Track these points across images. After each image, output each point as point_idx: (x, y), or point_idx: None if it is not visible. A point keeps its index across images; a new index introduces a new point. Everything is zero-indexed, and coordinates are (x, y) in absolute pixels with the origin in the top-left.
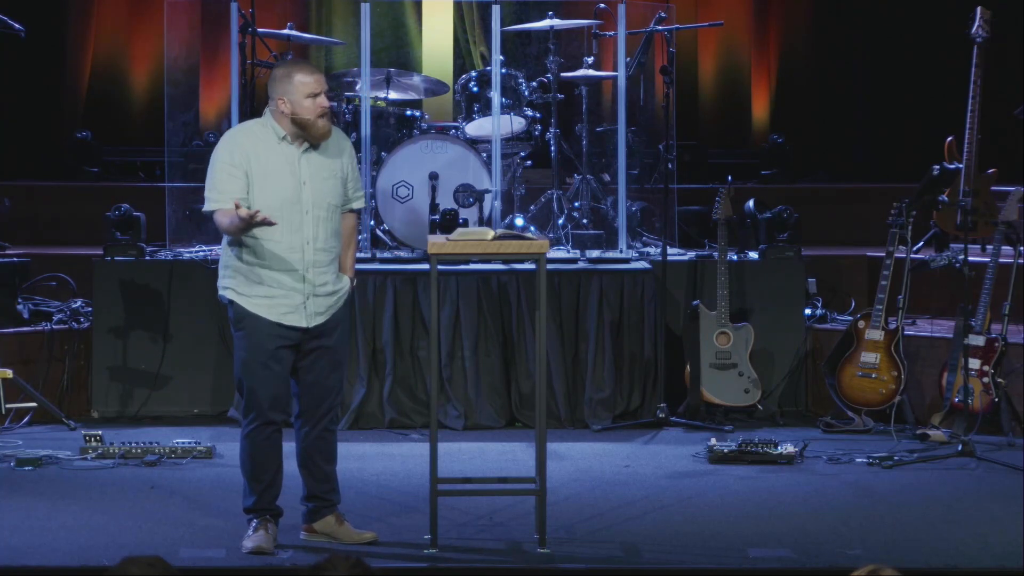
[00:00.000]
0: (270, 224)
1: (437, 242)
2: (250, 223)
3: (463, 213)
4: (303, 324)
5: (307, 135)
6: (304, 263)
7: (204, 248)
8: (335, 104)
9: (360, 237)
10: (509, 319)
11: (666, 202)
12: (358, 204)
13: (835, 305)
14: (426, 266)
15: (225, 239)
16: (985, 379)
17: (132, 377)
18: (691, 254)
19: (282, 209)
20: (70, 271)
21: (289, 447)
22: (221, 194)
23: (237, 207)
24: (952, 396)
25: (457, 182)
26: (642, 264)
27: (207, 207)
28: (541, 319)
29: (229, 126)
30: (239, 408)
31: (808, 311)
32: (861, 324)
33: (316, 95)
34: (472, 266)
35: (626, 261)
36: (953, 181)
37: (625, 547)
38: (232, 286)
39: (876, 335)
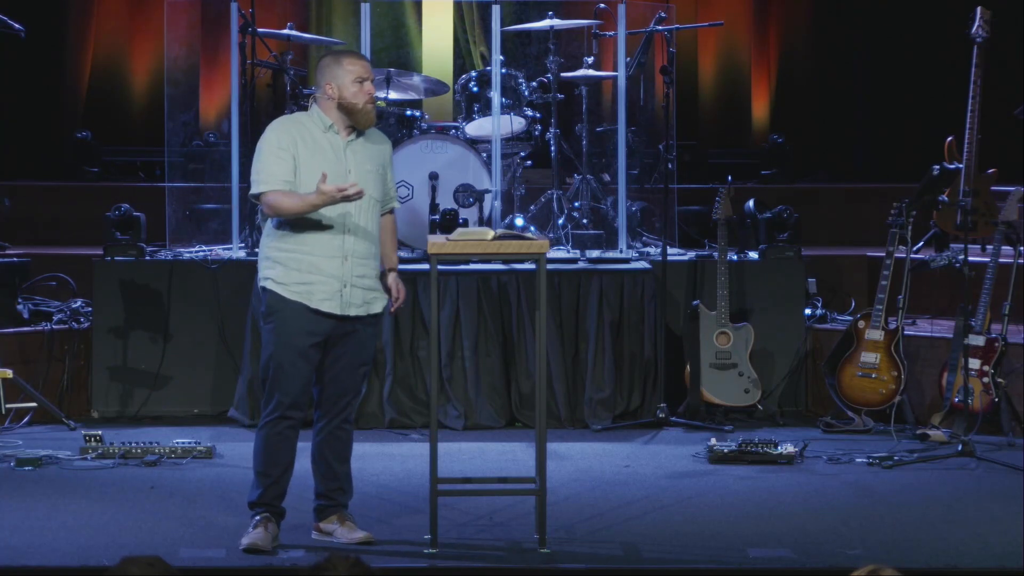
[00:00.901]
0: (359, 196)
1: (437, 242)
2: (337, 197)
3: (463, 213)
4: (338, 312)
5: (353, 121)
6: (344, 250)
7: (204, 248)
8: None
9: None
10: (509, 319)
11: (666, 202)
12: (394, 204)
13: (835, 305)
14: (426, 266)
15: (268, 228)
16: (985, 379)
17: (132, 377)
18: (691, 254)
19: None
20: (70, 271)
21: (304, 445)
22: (271, 176)
23: (324, 179)
24: (952, 396)
25: (457, 182)
26: (642, 264)
27: (255, 189)
28: (541, 319)
29: (229, 126)
30: (240, 408)
31: (808, 311)
32: (861, 324)
33: (364, 80)
34: (472, 266)
35: (626, 261)
36: (953, 181)
37: (625, 547)
38: (272, 276)
39: (876, 335)
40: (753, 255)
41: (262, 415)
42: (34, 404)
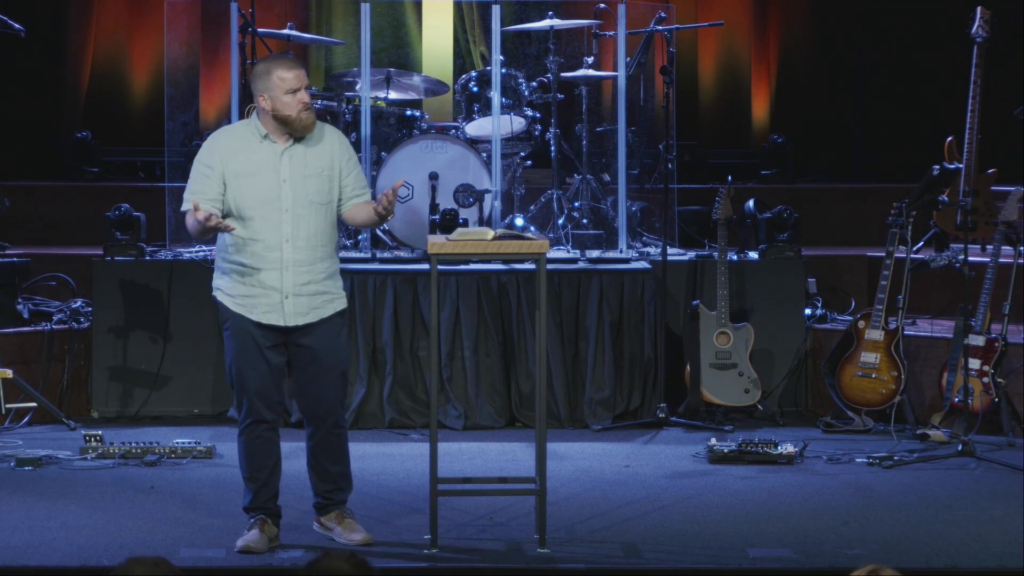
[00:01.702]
0: (227, 229)
1: (437, 242)
2: (206, 226)
3: (463, 213)
4: (280, 323)
5: (290, 130)
6: (283, 261)
7: (204, 248)
8: (334, 104)
9: (360, 237)
10: (509, 319)
11: (666, 202)
12: (364, 196)
13: (835, 305)
14: (426, 266)
15: (218, 240)
16: (985, 379)
17: (132, 377)
18: (691, 254)
19: (260, 208)
20: (70, 271)
21: (299, 446)
22: (192, 195)
23: (196, 207)
24: (952, 396)
25: (457, 182)
26: (642, 264)
27: (183, 207)
28: (541, 319)
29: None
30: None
31: (808, 311)
32: (861, 324)
33: (296, 91)
34: (472, 266)
35: (626, 261)
36: (953, 181)
37: (625, 547)
38: (220, 286)
39: (876, 335)
40: (753, 255)
41: (239, 422)
42: (34, 404)
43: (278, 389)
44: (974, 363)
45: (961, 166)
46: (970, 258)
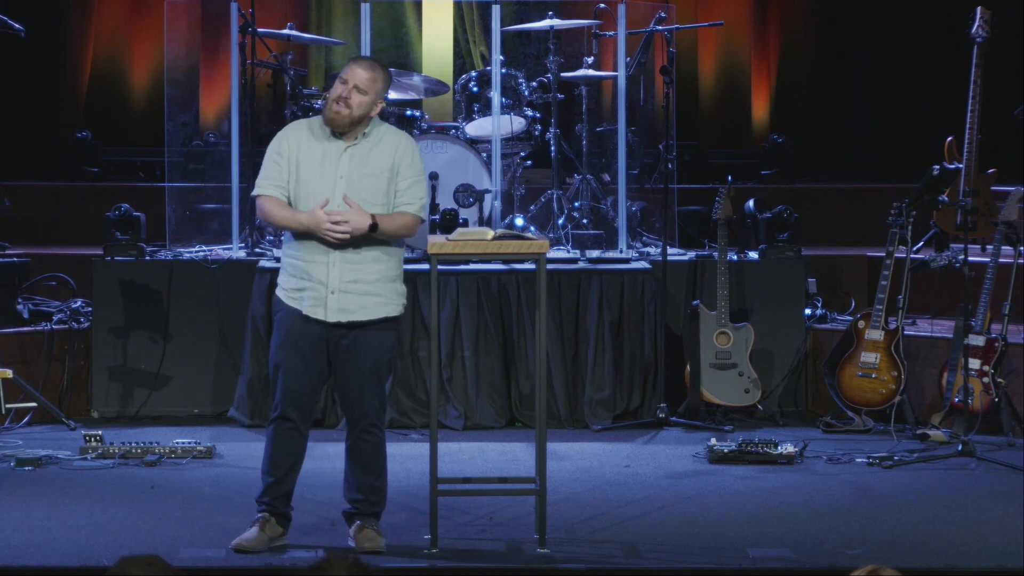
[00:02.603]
0: (338, 238)
1: (437, 242)
2: (319, 226)
3: (463, 213)
4: (324, 318)
5: (330, 127)
6: (331, 256)
7: (204, 248)
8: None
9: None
10: (509, 319)
11: (666, 202)
12: (407, 208)
13: (835, 305)
14: (426, 266)
15: (284, 233)
16: (985, 379)
17: (132, 377)
18: (691, 254)
19: (314, 200)
20: (70, 271)
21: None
22: (265, 180)
23: (326, 203)
24: (952, 396)
25: (457, 182)
26: (642, 264)
27: (254, 192)
28: (541, 319)
29: (229, 126)
30: (240, 408)
31: (808, 311)
32: (861, 324)
33: (344, 82)
34: (472, 266)
35: (626, 261)
36: (953, 181)
37: (625, 547)
38: (279, 279)
39: (876, 335)
40: (753, 255)
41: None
42: (34, 404)
43: (312, 391)
44: (974, 363)
45: (961, 166)
46: (970, 258)
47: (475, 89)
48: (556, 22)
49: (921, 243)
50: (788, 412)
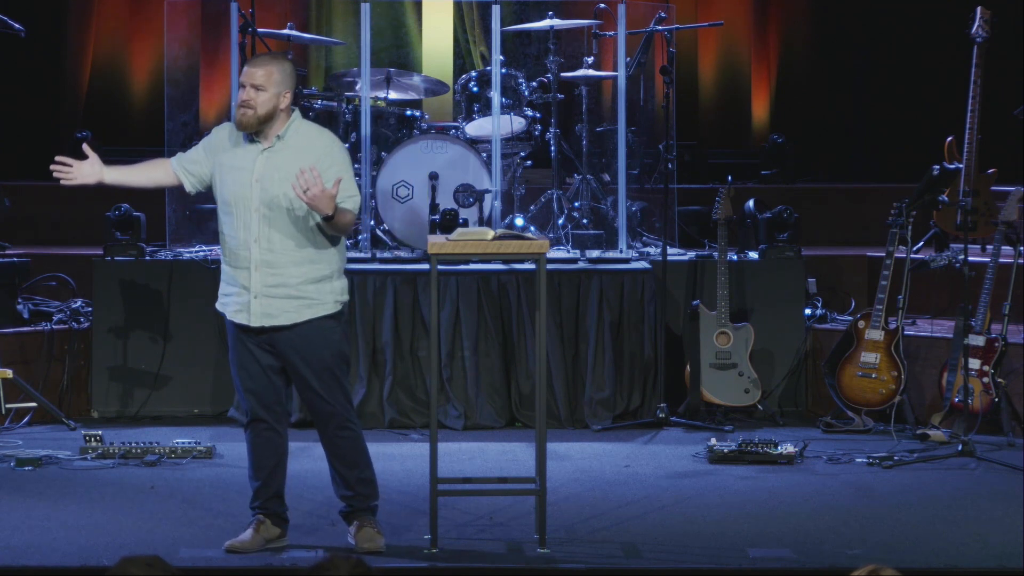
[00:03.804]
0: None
1: (437, 242)
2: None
3: (463, 213)
4: (248, 323)
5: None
6: (251, 261)
7: (204, 248)
8: (334, 104)
9: (360, 237)
10: (509, 319)
11: (666, 202)
12: (344, 205)
13: (835, 305)
14: (426, 266)
15: None
16: (985, 379)
17: (132, 377)
18: (691, 254)
19: (234, 205)
20: (70, 271)
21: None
22: (180, 154)
23: None
24: (952, 396)
25: (457, 182)
26: (642, 264)
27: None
28: (541, 319)
29: None
30: (240, 408)
31: (808, 311)
32: (861, 324)
33: (242, 86)
34: (472, 266)
35: (626, 261)
36: (953, 181)
37: (625, 547)
38: (220, 287)
39: (876, 335)
40: (753, 255)
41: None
42: (34, 404)
43: (274, 389)
44: (974, 363)
45: (961, 166)
46: (970, 258)
47: (475, 89)
48: (556, 22)
49: (921, 243)
50: (788, 412)
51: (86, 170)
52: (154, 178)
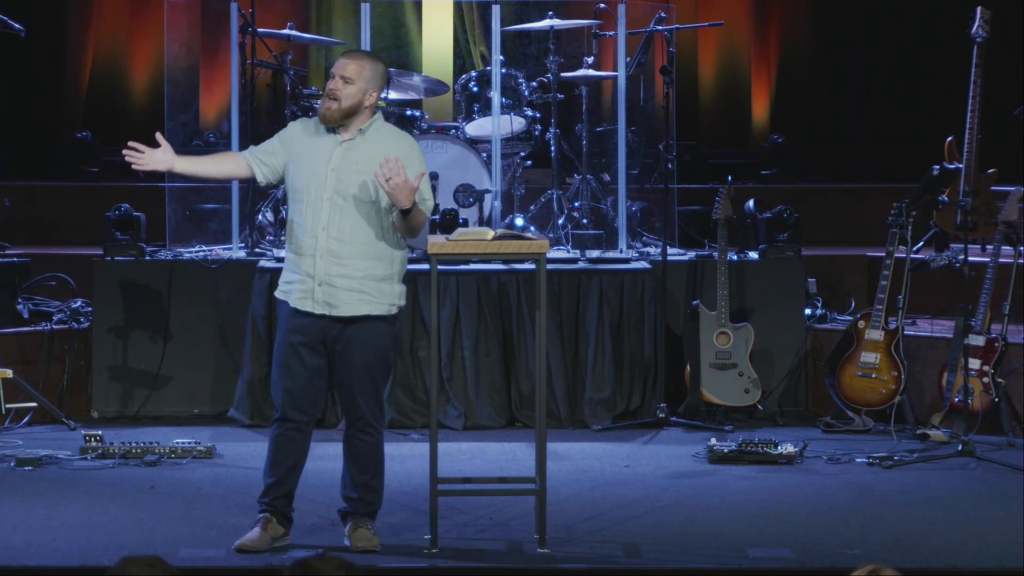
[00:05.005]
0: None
1: (437, 242)
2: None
3: (463, 213)
4: (311, 310)
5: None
6: (317, 249)
7: (204, 248)
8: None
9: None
10: (509, 319)
11: (666, 202)
12: (421, 206)
13: (835, 305)
14: (426, 266)
15: None
16: (985, 379)
17: (132, 377)
18: (691, 254)
19: (306, 192)
20: (70, 271)
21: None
22: (252, 147)
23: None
24: (952, 396)
25: (457, 182)
26: (642, 264)
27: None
28: (541, 319)
29: (229, 126)
30: (240, 408)
31: (808, 311)
32: (861, 324)
33: (332, 76)
34: (472, 266)
35: (626, 261)
36: (953, 181)
37: (625, 547)
38: (282, 276)
39: (876, 335)
40: (753, 255)
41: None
42: (34, 404)
43: (311, 392)
44: (974, 363)
45: (961, 166)
46: (970, 258)
47: (475, 89)
48: (556, 22)
49: (921, 243)
50: (788, 412)
51: (158, 156)
52: (224, 169)
